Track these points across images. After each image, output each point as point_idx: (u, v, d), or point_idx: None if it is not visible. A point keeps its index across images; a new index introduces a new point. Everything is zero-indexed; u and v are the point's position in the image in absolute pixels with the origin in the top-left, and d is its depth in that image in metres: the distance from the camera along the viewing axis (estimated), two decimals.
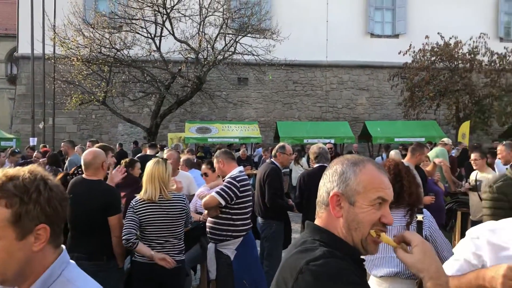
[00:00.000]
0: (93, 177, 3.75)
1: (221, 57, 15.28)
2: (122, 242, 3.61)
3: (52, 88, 16.55)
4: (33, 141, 15.46)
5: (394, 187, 2.79)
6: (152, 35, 15.13)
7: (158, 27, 15.23)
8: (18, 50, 19.27)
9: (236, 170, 4.34)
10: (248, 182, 4.34)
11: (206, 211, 4.34)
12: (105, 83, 15.07)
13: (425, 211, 2.88)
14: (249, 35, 15.41)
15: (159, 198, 3.69)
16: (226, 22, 15.20)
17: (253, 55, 15.57)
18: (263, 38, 15.57)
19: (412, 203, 2.86)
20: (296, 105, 20.10)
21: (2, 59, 25.20)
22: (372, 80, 20.46)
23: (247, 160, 13.59)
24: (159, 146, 11.38)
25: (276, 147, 5.65)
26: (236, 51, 15.48)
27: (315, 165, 5.35)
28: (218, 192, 4.16)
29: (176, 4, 14.88)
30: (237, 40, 15.40)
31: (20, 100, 19.20)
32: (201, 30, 15.14)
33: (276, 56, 16.05)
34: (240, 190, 4.18)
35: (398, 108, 19.10)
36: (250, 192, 4.36)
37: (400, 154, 8.44)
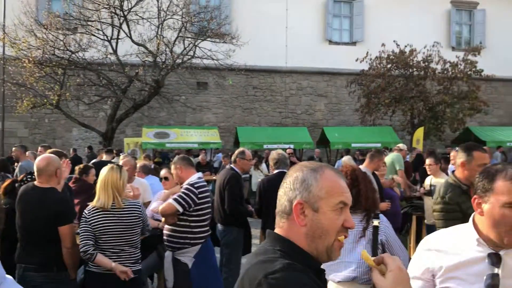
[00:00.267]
0: (45, 184, 3.58)
1: (180, 60, 15.10)
2: (73, 253, 3.45)
3: (2, 91, 15.82)
4: None
5: (351, 192, 2.81)
6: (109, 38, 14.76)
7: (114, 29, 14.87)
8: None
9: (195, 177, 4.26)
10: (207, 189, 4.27)
11: (163, 219, 4.23)
12: (58, 86, 14.55)
13: (381, 216, 2.91)
14: (208, 39, 15.30)
15: (112, 206, 3.54)
16: (185, 25, 15.05)
17: (212, 59, 15.47)
18: (222, 42, 15.52)
19: (369, 208, 2.89)
20: (256, 110, 20.14)
21: None
22: (330, 87, 20.79)
23: (206, 166, 13.46)
24: (115, 152, 11.08)
25: (235, 152, 5.59)
26: (195, 55, 15.34)
27: (275, 171, 5.35)
28: (175, 199, 4.06)
29: (134, 7, 14.59)
30: (196, 44, 15.27)
31: None
32: (159, 33, 14.91)
33: (236, 61, 16.03)
34: (199, 196, 4.11)
35: (355, 114, 19.49)
36: (209, 199, 4.28)
37: (352, 160, 8.60)
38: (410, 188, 8.73)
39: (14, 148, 9.07)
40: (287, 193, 1.34)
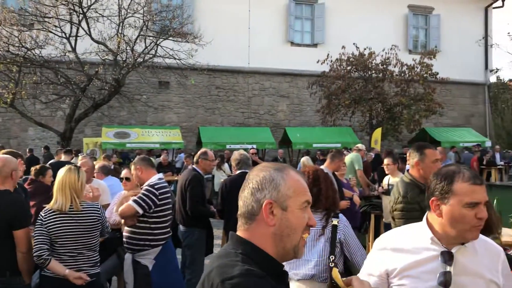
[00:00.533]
0: (0, 186, 3.46)
1: (141, 59, 14.87)
2: (28, 258, 3.35)
3: None
4: None
5: (312, 191, 2.92)
6: (67, 35, 14.35)
7: (73, 26, 14.48)
8: None
9: (155, 178, 4.22)
10: (168, 190, 4.24)
11: (123, 220, 4.17)
12: (13, 84, 14.02)
13: (341, 216, 2.98)
14: (170, 38, 15.14)
15: (70, 209, 3.46)
16: (147, 24, 14.83)
17: (174, 58, 15.32)
18: (185, 42, 15.39)
19: (329, 207, 2.97)
20: (219, 110, 20.10)
21: None
22: (292, 88, 21.01)
23: (168, 166, 13.33)
24: (74, 152, 10.80)
25: (198, 153, 5.57)
26: (157, 54, 15.15)
27: (237, 171, 5.37)
28: (135, 201, 4.01)
29: (93, 4, 14.26)
30: (158, 43, 15.07)
31: None
32: (120, 31, 14.63)
33: (199, 60, 15.94)
34: (159, 198, 4.07)
35: (316, 115, 19.77)
36: (169, 200, 4.25)
37: (311, 160, 8.76)
38: (368, 187, 8.96)
39: None
40: (255, 193, 1.34)
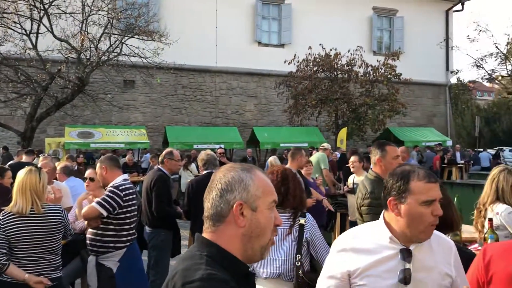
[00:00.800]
0: None
1: (105, 58, 14.56)
2: None
3: None
4: None
5: (280, 189, 2.95)
6: (28, 32, 13.91)
7: (34, 23, 14.03)
8: None
9: (120, 179, 4.14)
10: (133, 191, 4.17)
11: (86, 222, 4.08)
12: None
13: (308, 215, 3.01)
14: (136, 36, 14.90)
15: (30, 211, 3.36)
16: (111, 22, 14.53)
17: (140, 57, 15.07)
18: (150, 40, 15.17)
19: (296, 206, 2.99)
20: (185, 109, 19.93)
21: None
22: (260, 87, 21.07)
23: (133, 166, 13.15)
24: (36, 152, 10.47)
25: (163, 153, 5.50)
26: (122, 53, 14.86)
27: (204, 171, 5.34)
28: (99, 202, 3.93)
29: (55, 0, 13.87)
30: (123, 41, 14.80)
31: None
32: (83, 29, 14.29)
33: (165, 59, 15.74)
34: (124, 199, 4.00)
35: (283, 115, 19.89)
36: (135, 202, 4.18)
37: (278, 160, 8.83)
38: (334, 186, 9.09)
39: None
40: (224, 194, 1.32)
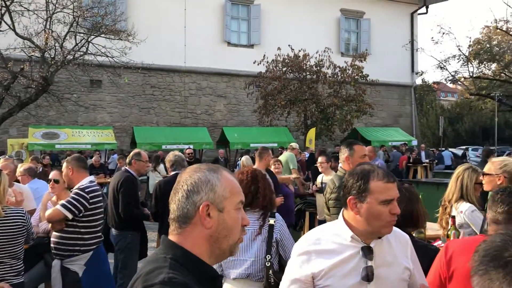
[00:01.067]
0: None
1: (71, 57, 14.22)
2: None
3: None
4: None
5: (250, 189, 2.95)
6: None
7: None
8: None
9: (86, 180, 4.06)
10: (99, 193, 4.09)
11: (50, 225, 3.98)
12: None
13: (277, 215, 3.03)
14: (102, 35, 14.61)
15: None
16: (77, 20, 14.20)
17: (107, 56, 14.80)
18: (118, 39, 14.91)
19: (266, 206, 3.00)
20: (154, 110, 19.69)
21: None
22: (230, 88, 21.04)
23: (100, 167, 12.90)
24: None
25: (131, 154, 5.42)
26: (88, 52, 14.55)
27: (172, 172, 5.29)
28: (63, 205, 3.83)
29: None
30: (89, 40, 14.50)
31: None
32: (47, 27, 13.91)
33: (133, 59, 15.51)
34: (90, 202, 3.92)
35: (253, 115, 19.93)
36: (101, 204, 4.11)
37: (250, 160, 8.84)
38: (303, 185, 9.18)
39: None
40: (191, 196, 1.30)
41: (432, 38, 25.17)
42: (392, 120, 24.00)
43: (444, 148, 22.75)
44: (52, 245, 3.99)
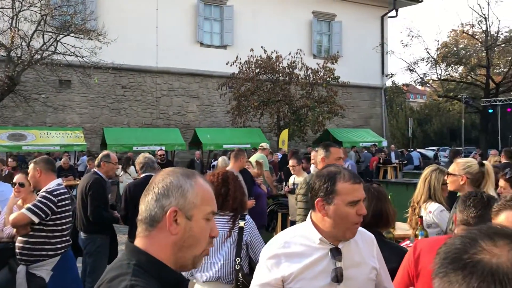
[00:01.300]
0: None
1: (38, 56, 13.89)
2: None
3: None
4: None
5: (221, 192, 2.94)
6: None
7: None
8: None
9: (54, 183, 3.98)
10: (67, 196, 4.01)
11: (15, 230, 3.86)
12: None
13: (247, 217, 3.02)
14: (71, 34, 14.33)
15: None
16: (45, 18, 13.87)
17: (76, 56, 14.52)
18: (88, 39, 14.65)
19: (236, 208, 2.99)
20: (125, 110, 19.40)
21: None
22: (202, 88, 20.93)
23: (69, 169, 12.61)
24: None
25: (99, 156, 5.33)
26: (57, 51, 14.24)
27: (141, 175, 5.22)
28: (29, 209, 3.73)
29: None
30: (57, 39, 14.19)
31: None
32: (14, 25, 13.54)
33: (103, 59, 15.26)
34: (58, 205, 3.84)
35: (226, 116, 19.89)
36: (69, 207, 4.03)
37: (228, 160, 8.81)
38: (275, 186, 9.20)
39: None
40: (160, 199, 1.26)
41: (402, 41, 25.72)
42: (363, 122, 24.36)
43: (413, 149, 23.25)
44: (17, 250, 3.89)
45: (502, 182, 4.02)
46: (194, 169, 13.82)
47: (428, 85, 30.41)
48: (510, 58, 25.40)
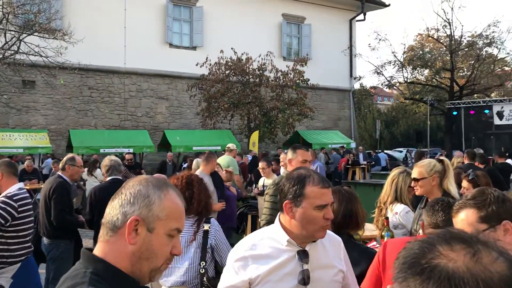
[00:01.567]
0: None
1: (0, 56, 13.45)
2: None
3: None
4: None
5: (185, 195, 2.90)
6: None
7: None
8: None
9: (15, 188, 3.86)
10: (29, 201, 3.89)
11: None
12: None
13: (212, 220, 3.00)
14: (35, 34, 13.94)
15: None
16: (7, 17, 13.46)
17: (41, 56, 14.14)
18: (53, 38, 14.28)
19: (201, 212, 2.96)
20: (92, 112, 19.00)
21: None
22: (172, 90, 20.73)
23: (33, 173, 12.24)
24: None
25: (64, 159, 5.19)
26: (20, 51, 13.83)
27: (107, 178, 5.11)
28: None
29: None
30: (21, 38, 13.77)
31: None
32: None
33: (69, 59, 14.91)
34: (18, 210, 3.72)
35: (196, 117, 19.76)
36: (31, 212, 3.91)
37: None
38: (246, 189, 9.19)
39: None
40: (124, 205, 1.23)
41: (369, 45, 26.12)
42: (332, 123, 24.65)
43: (380, 150, 23.70)
44: None
45: (465, 183, 4.13)
46: (166, 171, 13.69)
47: (395, 87, 31.05)
48: (473, 62, 26.23)
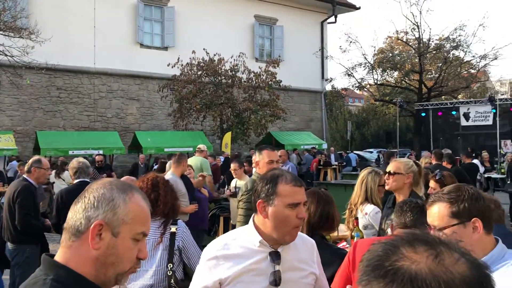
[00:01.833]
0: None
1: None
2: None
3: None
4: None
5: (150, 197, 2.87)
6: None
7: None
8: None
9: None
10: None
11: None
12: None
13: (179, 222, 2.98)
14: (0, 32, 13.53)
15: None
16: None
17: (6, 55, 13.73)
18: (18, 37, 13.89)
19: (167, 213, 2.93)
20: (60, 113, 18.56)
21: None
22: (143, 90, 20.46)
23: None
24: None
25: (30, 161, 5.05)
26: None
27: (75, 180, 4.99)
28: None
29: None
30: None
31: None
32: None
33: (36, 58, 14.52)
34: None
35: (168, 118, 19.57)
36: None
37: None
38: (218, 190, 9.14)
39: None
40: (88, 209, 1.20)
41: (340, 47, 26.58)
42: (304, 125, 24.83)
43: (350, 151, 24.04)
44: None
45: (432, 183, 4.21)
46: (138, 173, 13.49)
47: (365, 89, 31.55)
48: (441, 64, 26.92)
